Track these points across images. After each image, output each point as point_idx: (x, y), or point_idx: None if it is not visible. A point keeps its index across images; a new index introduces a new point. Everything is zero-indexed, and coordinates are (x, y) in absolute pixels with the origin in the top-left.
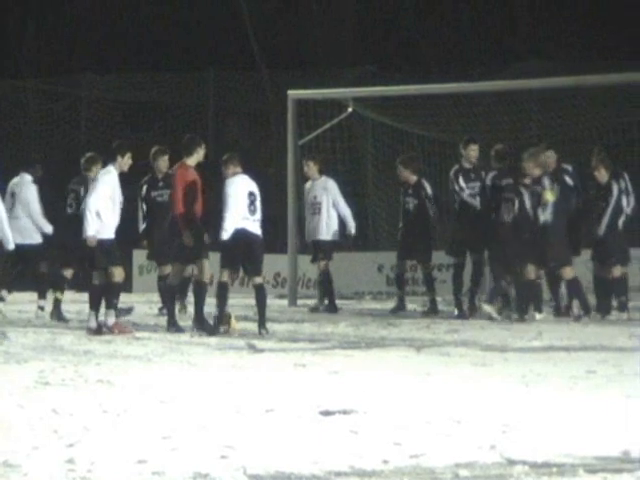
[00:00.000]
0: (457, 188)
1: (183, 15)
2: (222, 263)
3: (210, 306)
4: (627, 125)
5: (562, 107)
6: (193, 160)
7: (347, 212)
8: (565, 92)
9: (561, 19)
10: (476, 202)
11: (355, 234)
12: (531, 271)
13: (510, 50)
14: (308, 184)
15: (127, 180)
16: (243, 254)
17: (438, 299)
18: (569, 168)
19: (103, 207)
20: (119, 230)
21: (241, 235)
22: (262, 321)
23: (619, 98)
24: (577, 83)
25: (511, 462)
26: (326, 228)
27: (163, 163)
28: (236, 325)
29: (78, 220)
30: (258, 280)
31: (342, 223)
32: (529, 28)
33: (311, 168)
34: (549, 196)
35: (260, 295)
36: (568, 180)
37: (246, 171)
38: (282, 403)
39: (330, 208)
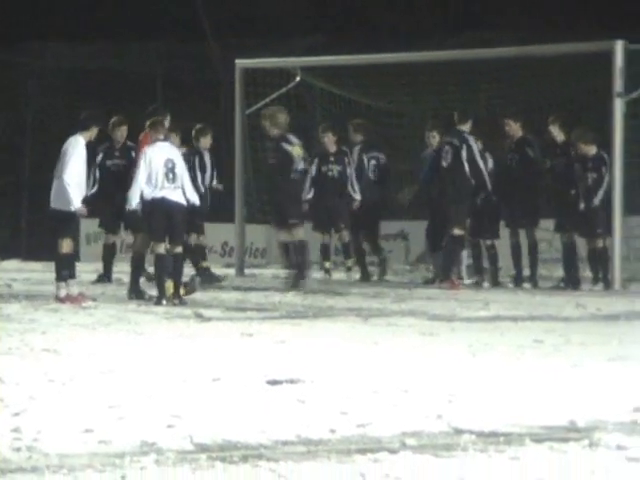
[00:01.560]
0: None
1: None
2: (150, 236)
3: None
4: (576, 94)
5: (510, 77)
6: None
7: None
8: (513, 62)
9: None
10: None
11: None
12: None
13: (460, 20)
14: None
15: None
16: (165, 222)
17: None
18: (531, 139)
19: (76, 178)
20: None
21: (160, 204)
22: (176, 290)
23: (567, 68)
24: (522, 53)
25: (458, 431)
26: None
27: (120, 133)
28: (171, 288)
29: None
30: (177, 249)
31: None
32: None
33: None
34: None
35: (178, 264)
36: (529, 151)
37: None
38: (229, 372)
39: None
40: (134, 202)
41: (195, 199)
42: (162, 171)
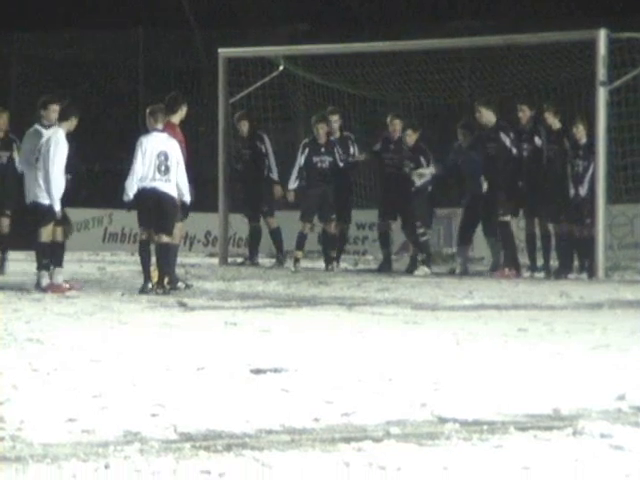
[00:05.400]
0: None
1: None
2: (139, 223)
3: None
4: (559, 84)
5: (494, 66)
6: (177, 118)
7: None
8: (497, 51)
9: None
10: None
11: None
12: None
13: (444, 9)
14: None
15: None
16: (155, 213)
17: (370, 257)
18: (507, 126)
19: (62, 175)
20: None
21: (151, 194)
22: (161, 280)
23: (552, 57)
24: (507, 42)
25: (442, 420)
26: None
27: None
28: (155, 277)
29: None
30: (164, 239)
31: None
32: None
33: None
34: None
35: (161, 254)
36: (504, 139)
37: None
38: (213, 361)
39: None
40: (131, 192)
41: (187, 195)
42: (154, 163)
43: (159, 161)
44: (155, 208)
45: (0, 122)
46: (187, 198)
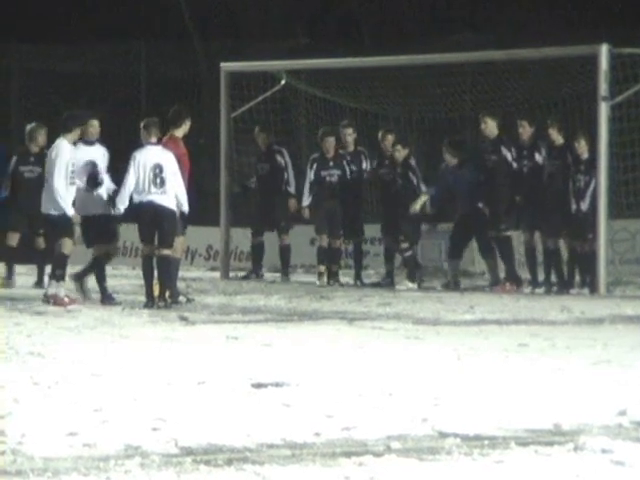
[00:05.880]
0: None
1: None
2: (140, 238)
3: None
4: (560, 99)
5: (496, 80)
6: (181, 132)
7: None
8: (499, 65)
9: None
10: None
11: None
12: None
13: (445, 23)
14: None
15: None
16: (153, 227)
17: (371, 272)
18: (509, 141)
19: (63, 183)
20: None
21: (148, 207)
22: (162, 293)
23: (554, 71)
24: (508, 57)
25: (443, 435)
26: None
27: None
28: (156, 290)
29: None
30: (164, 252)
31: None
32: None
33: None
34: None
35: (161, 267)
36: (506, 153)
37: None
38: (214, 375)
39: None
40: (122, 206)
41: (185, 205)
42: (149, 176)
43: (154, 174)
44: (153, 221)
45: (38, 138)
46: (185, 208)
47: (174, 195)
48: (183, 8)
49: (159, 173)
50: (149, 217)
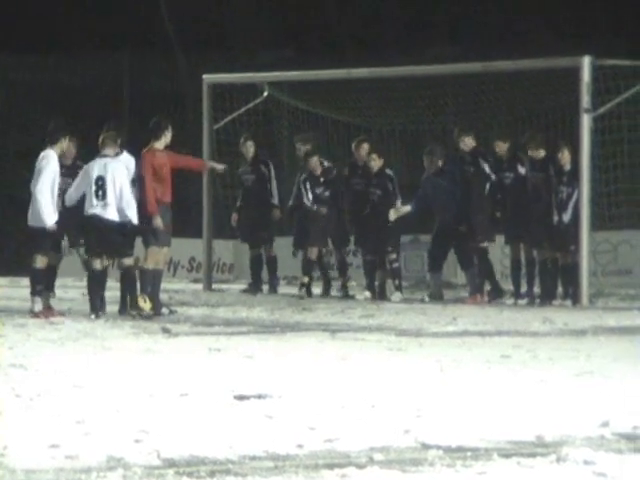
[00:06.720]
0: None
1: None
2: (89, 252)
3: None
4: (542, 111)
5: (477, 93)
6: (162, 143)
7: None
8: (480, 77)
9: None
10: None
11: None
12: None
13: (427, 35)
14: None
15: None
16: (101, 240)
17: (353, 283)
18: (485, 152)
19: (48, 194)
20: None
21: (93, 221)
22: (123, 305)
23: (536, 83)
24: (485, 69)
25: (425, 446)
26: None
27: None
28: (145, 305)
29: None
30: (125, 262)
31: None
32: (446, 14)
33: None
34: None
35: (125, 278)
36: (483, 165)
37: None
38: (197, 387)
39: None
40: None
41: (132, 216)
42: (93, 189)
43: (97, 186)
44: (99, 234)
45: (68, 149)
46: (134, 220)
47: (117, 207)
48: (166, 20)
49: (101, 185)
50: (95, 230)
